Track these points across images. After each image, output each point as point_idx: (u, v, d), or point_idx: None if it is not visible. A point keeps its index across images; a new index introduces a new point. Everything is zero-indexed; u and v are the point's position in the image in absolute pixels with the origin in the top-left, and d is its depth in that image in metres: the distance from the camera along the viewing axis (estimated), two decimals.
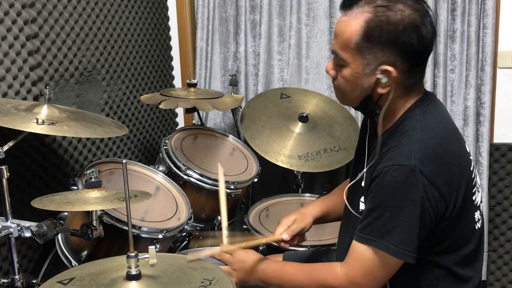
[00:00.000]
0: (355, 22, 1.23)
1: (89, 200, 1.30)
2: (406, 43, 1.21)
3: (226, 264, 1.44)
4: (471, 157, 1.34)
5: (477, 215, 1.33)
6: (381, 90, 1.27)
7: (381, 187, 1.22)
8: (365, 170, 1.36)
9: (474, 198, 1.31)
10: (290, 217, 1.61)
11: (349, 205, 1.43)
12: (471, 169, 1.31)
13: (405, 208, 1.19)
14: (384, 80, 1.24)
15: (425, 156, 1.20)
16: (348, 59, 1.26)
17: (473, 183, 1.31)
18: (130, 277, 1.05)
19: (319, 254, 1.76)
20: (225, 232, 1.51)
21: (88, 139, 2.08)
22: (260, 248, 1.92)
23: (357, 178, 1.41)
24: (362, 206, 1.34)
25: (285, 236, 1.56)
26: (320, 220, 1.66)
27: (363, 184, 1.35)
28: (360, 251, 1.25)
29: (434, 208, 1.20)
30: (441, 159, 1.23)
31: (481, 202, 1.38)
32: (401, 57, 1.23)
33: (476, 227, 1.33)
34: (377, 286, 1.27)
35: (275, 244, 1.69)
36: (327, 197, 1.71)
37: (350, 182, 1.47)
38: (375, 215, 1.22)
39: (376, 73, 1.24)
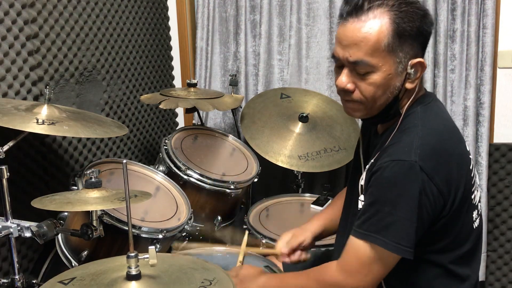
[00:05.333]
0: (378, 24, 1.18)
1: (89, 200, 1.30)
2: (426, 31, 1.24)
3: None
4: (470, 156, 1.34)
5: (475, 214, 1.33)
6: (409, 85, 1.26)
7: (380, 181, 1.22)
8: (366, 168, 1.36)
9: (473, 197, 1.31)
10: (289, 232, 1.66)
11: (348, 204, 1.43)
12: (470, 167, 1.31)
13: (403, 203, 1.19)
14: (413, 74, 1.24)
15: (425, 152, 1.20)
16: (378, 63, 1.21)
17: (472, 182, 1.31)
18: (130, 277, 1.05)
19: (320, 256, 1.76)
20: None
21: (88, 139, 2.08)
22: (260, 248, 1.93)
23: (361, 175, 1.41)
24: (360, 205, 1.34)
25: (284, 250, 1.61)
26: (321, 235, 1.68)
27: (362, 182, 1.35)
28: (357, 246, 1.25)
29: (432, 204, 1.20)
30: (441, 157, 1.23)
31: (479, 201, 1.38)
32: (421, 47, 1.26)
33: (474, 226, 1.33)
34: (373, 281, 1.26)
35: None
36: (327, 211, 1.72)
37: (349, 180, 1.47)
38: (373, 210, 1.22)
39: (407, 69, 1.23)
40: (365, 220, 1.24)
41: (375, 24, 1.18)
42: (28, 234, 1.38)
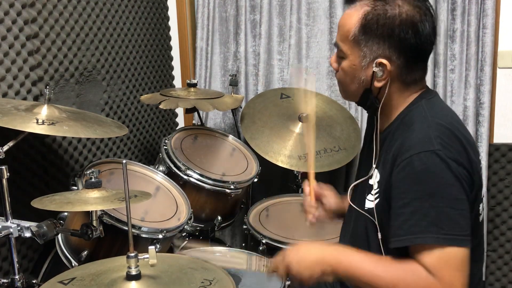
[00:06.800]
0: (355, 15, 1.27)
1: (89, 200, 1.30)
2: (402, 37, 1.23)
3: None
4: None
5: (481, 206, 1.32)
6: (377, 84, 1.28)
7: (412, 178, 1.18)
8: (374, 165, 1.35)
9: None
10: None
11: (352, 202, 1.42)
12: (479, 158, 1.31)
13: (443, 192, 1.16)
14: (379, 73, 1.27)
15: (445, 140, 1.19)
16: (347, 51, 1.29)
17: (481, 172, 1.30)
18: (130, 277, 1.05)
19: None
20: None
21: (88, 139, 2.08)
22: (260, 248, 1.93)
23: (369, 174, 1.37)
24: (368, 204, 1.33)
25: (316, 186, 1.58)
26: (340, 211, 1.60)
27: (370, 181, 1.34)
28: (417, 253, 1.17)
29: (466, 187, 1.18)
30: (460, 143, 1.22)
31: (483, 196, 1.37)
32: (397, 52, 1.25)
33: (480, 220, 1.32)
34: (461, 283, 1.16)
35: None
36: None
37: (356, 180, 1.45)
38: (410, 210, 1.17)
39: (372, 66, 1.27)
40: (403, 223, 1.17)
41: (354, 14, 1.27)
42: (28, 234, 1.38)
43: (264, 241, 1.93)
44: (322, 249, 1.31)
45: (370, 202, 1.32)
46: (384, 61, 1.25)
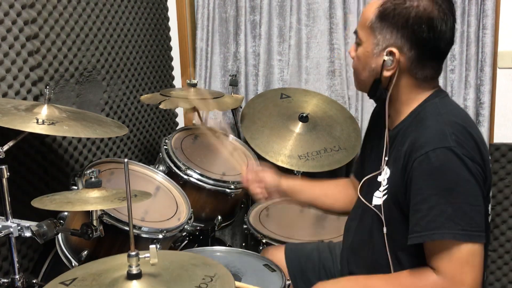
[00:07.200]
0: (376, 4, 1.30)
1: (89, 200, 1.30)
2: (415, 29, 1.25)
3: None
4: None
5: (489, 206, 1.33)
6: (386, 73, 1.30)
7: (428, 174, 1.19)
8: (384, 163, 1.35)
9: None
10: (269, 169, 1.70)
11: (362, 198, 1.42)
12: (489, 157, 1.32)
13: (459, 189, 1.17)
14: (389, 62, 1.28)
15: (460, 137, 1.20)
16: (363, 38, 1.33)
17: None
18: (130, 277, 1.05)
19: (323, 248, 1.75)
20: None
21: (88, 139, 2.08)
22: (261, 248, 1.93)
23: (379, 171, 1.38)
24: (375, 201, 1.34)
25: (244, 166, 1.73)
26: (287, 192, 1.67)
27: (379, 178, 1.34)
28: (433, 249, 1.19)
29: (481, 183, 1.20)
30: (474, 141, 1.23)
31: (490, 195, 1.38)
32: (409, 43, 1.26)
33: (488, 219, 1.33)
34: (470, 281, 1.18)
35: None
36: (315, 182, 1.71)
37: (367, 175, 1.45)
38: (426, 206, 1.18)
39: (383, 55, 1.28)
40: (420, 219, 1.19)
41: (374, 4, 1.31)
42: (28, 233, 1.38)
43: (264, 241, 1.93)
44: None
45: (378, 198, 1.33)
46: (394, 49, 1.27)
